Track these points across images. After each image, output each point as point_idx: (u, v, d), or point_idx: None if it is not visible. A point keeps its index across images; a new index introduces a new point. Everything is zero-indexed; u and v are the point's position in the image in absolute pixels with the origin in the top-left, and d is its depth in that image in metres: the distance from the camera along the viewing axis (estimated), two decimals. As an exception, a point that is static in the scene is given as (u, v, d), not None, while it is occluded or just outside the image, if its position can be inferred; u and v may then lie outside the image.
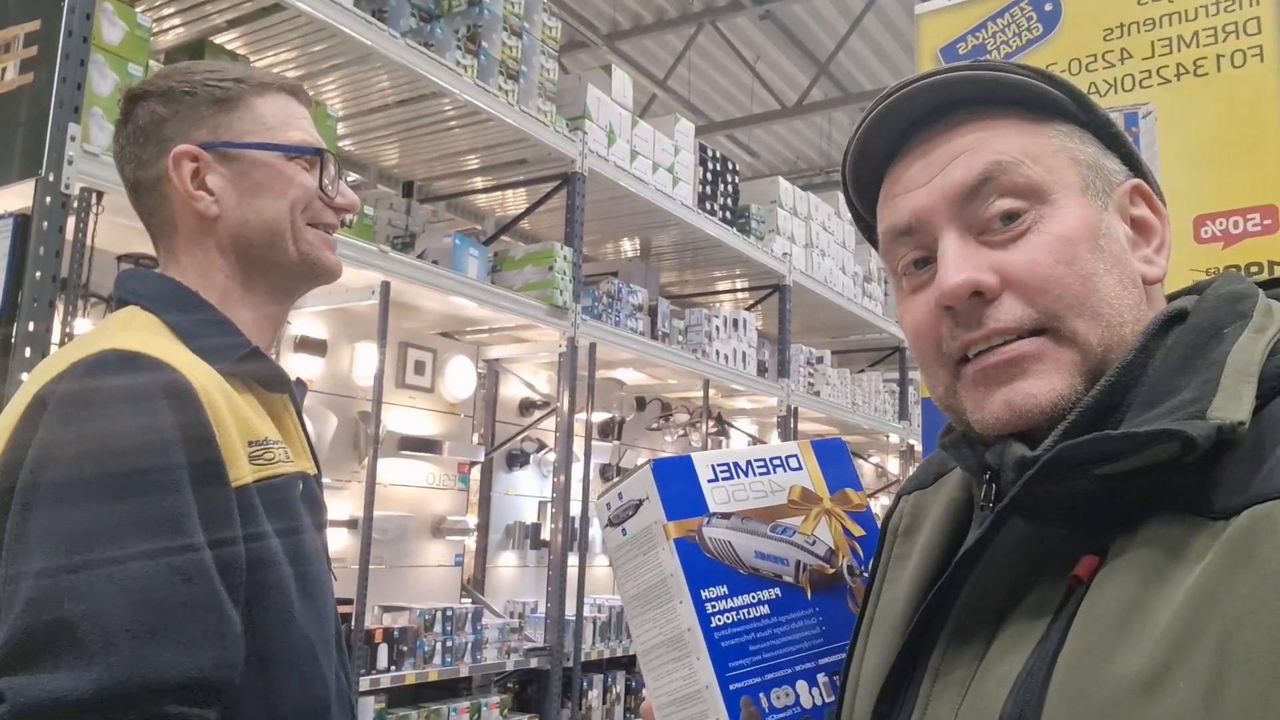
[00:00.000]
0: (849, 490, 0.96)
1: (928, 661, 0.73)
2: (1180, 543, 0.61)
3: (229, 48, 3.71)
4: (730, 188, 6.12)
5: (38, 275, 2.60)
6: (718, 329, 5.96)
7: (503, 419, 5.47)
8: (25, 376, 2.46)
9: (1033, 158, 0.74)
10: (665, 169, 5.41)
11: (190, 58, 3.47)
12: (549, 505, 5.16)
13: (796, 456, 0.95)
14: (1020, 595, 0.69)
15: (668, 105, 9.58)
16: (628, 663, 5.41)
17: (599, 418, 5.88)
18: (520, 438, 5.46)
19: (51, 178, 2.65)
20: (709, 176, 5.93)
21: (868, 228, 0.86)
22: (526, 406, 5.61)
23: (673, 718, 0.84)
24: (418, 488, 4.79)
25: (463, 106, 4.20)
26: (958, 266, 0.72)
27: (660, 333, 5.57)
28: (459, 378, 4.98)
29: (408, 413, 4.80)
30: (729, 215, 6.04)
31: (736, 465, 0.91)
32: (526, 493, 5.58)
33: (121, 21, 2.90)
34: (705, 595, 0.84)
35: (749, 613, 0.85)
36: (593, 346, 4.89)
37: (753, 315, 6.44)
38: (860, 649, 0.82)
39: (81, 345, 1.05)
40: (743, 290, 6.96)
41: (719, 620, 0.83)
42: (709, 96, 10.11)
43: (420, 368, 4.84)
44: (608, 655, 5.23)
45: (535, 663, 4.67)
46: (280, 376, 1.20)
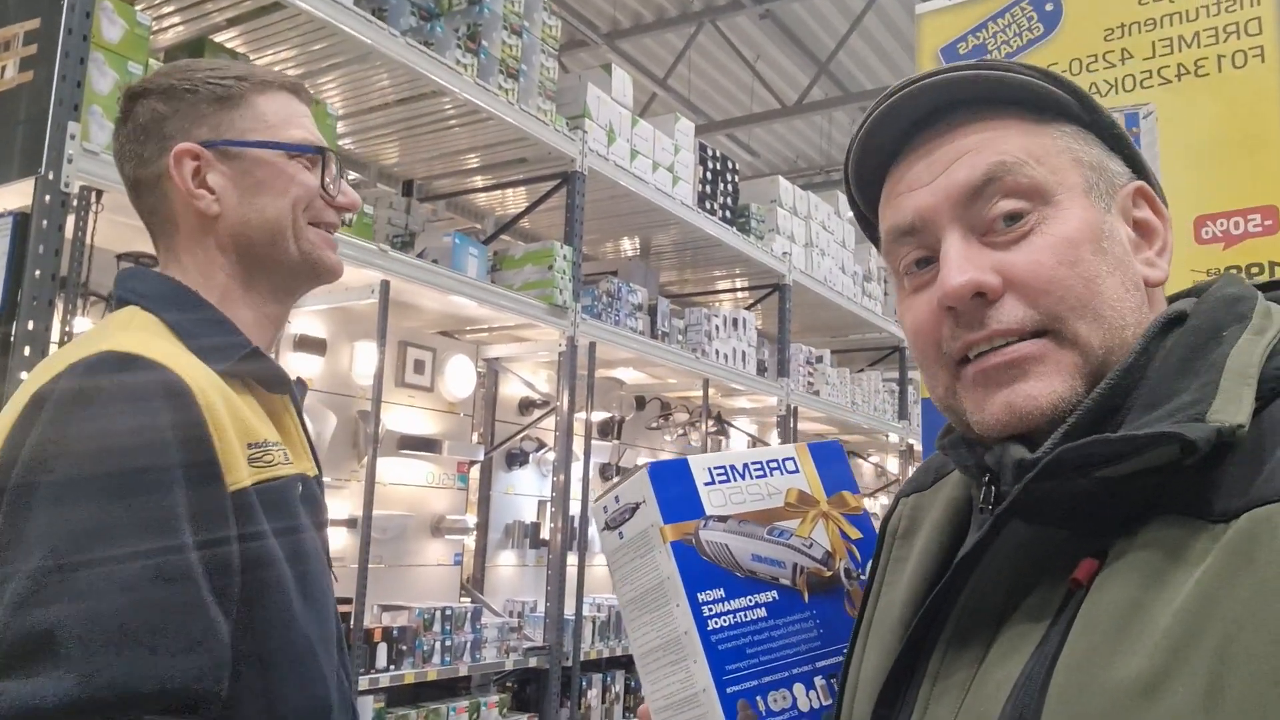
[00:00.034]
0: (846, 493, 0.96)
1: (927, 664, 0.73)
2: (1180, 545, 0.61)
3: (229, 46, 3.71)
4: (730, 187, 6.12)
5: (37, 274, 2.60)
6: (717, 328, 5.96)
7: (502, 418, 5.47)
8: (25, 375, 2.48)
9: (1036, 158, 0.73)
10: (665, 168, 5.41)
11: (190, 56, 3.46)
12: (548, 504, 5.16)
13: (793, 459, 0.95)
14: (1020, 598, 0.69)
15: (668, 104, 9.58)
16: (627, 662, 5.40)
17: (598, 417, 5.88)
18: (520, 437, 5.46)
19: (51, 176, 2.65)
20: (709, 176, 5.92)
21: (869, 226, 0.86)
22: (526, 405, 5.61)
23: None
24: (417, 487, 4.79)
25: (462, 105, 4.20)
26: (960, 267, 0.72)
27: (660, 332, 5.57)
28: (458, 377, 4.98)
29: (407, 412, 4.80)
30: (729, 214, 6.03)
31: (733, 468, 0.91)
32: (526, 492, 5.58)
33: (121, 20, 2.90)
34: (702, 598, 0.83)
35: (746, 615, 0.85)
36: (592, 346, 4.89)
37: (752, 314, 6.44)
38: (859, 652, 0.81)
39: (80, 346, 1.05)
40: (742, 289, 6.95)
41: (716, 623, 0.83)
42: (709, 96, 10.10)
43: (420, 367, 4.84)
44: (607, 655, 5.23)
45: (534, 662, 4.67)
46: (280, 377, 1.19)
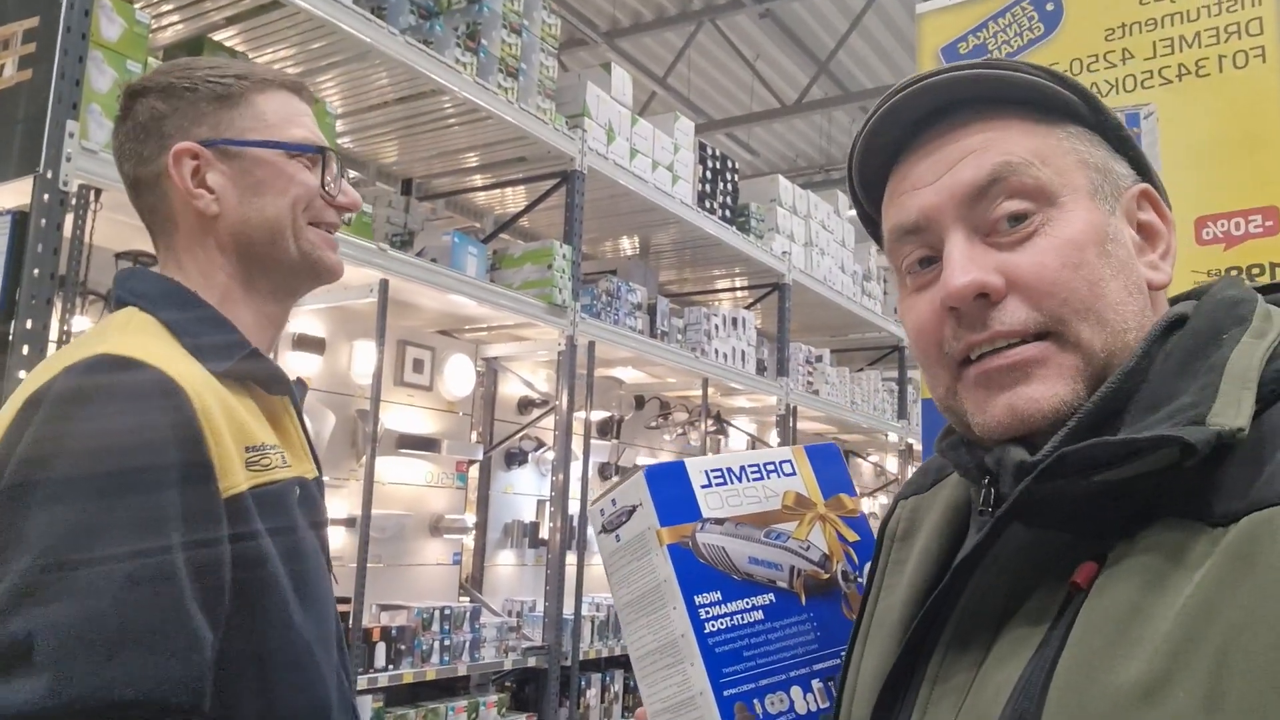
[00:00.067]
0: (843, 495, 0.96)
1: (926, 667, 0.73)
2: (1180, 549, 0.61)
3: (228, 45, 3.71)
4: (730, 186, 6.11)
5: (36, 273, 2.60)
6: (717, 327, 5.95)
7: (501, 417, 5.46)
8: (23, 374, 2.48)
9: (1042, 159, 0.73)
10: (665, 167, 5.40)
11: (189, 54, 3.45)
12: (547, 504, 5.16)
13: (790, 462, 0.95)
14: (1019, 601, 0.69)
15: (667, 103, 9.58)
16: (626, 662, 5.40)
17: (598, 416, 5.88)
18: (519, 436, 5.46)
19: (50, 175, 2.64)
20: (708, 175, 5.92)
21: (872, 225, 0.85)
22: (525, 405, 5.60)
23: None
24: (416, 486, 4.78)
25: (462, 104, 4.20)
26: (964, 267, 0.71)
27: (659, 331, 5.56)
28: (457, 376, 4.98)
29: (406, 411, 4.80)
30: (728, 213, 6.03)
31: (730, 471, 0.91)
32: (525, 491, 5.58)
33: (120, 18, 2.90)
34: (699, 601, 0.83)
35: (743, 618, 0.84)
36: (591, 345, 4.89)
37: (752, 314, 6.44)
38: (857, 654, 0.81)
39: (77, 348, 1.04)
40: (742, 289, 6.95)
41: (713, 626, 0.83)
42: (709, 94, 10.10)
43: (419, 366, 4.83)
44: (606, 654, 5.23)
45: (533, 661, 4.67)
46: (280, 378, 1.18)
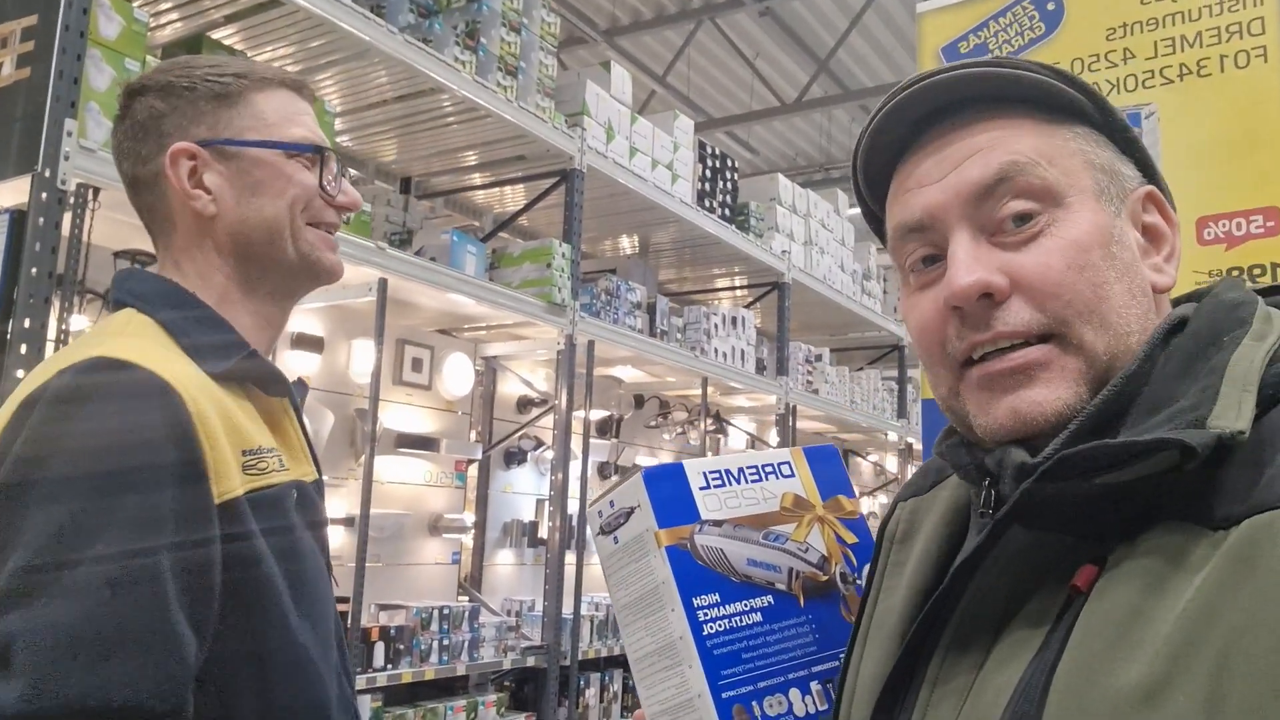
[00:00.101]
0: (842, 497, 0.95)
1: (926, 670, 0.73)
2: (1181, 552, 0.60)
3: (226, 43, 3.70)
4: (729, 185, 6.11)
5: (34, 271, 2.59)
6: (716, 326, 5.95)
7: (500, 416, 5.46)
8: (21, 373, 2.48)
9: (1048, 159, 0.73)
10: (664, 166, 5.40)
11: (187, 53, 3.45)
12: (546, 503, 5.15)
13: (789, 463, 0.95)
14: (1019, 604, 0.68)
15: (667, 102, 9.58)
16: (625, 661, 5.37)
17: (597, 415, 5.87)
18: (518, 435, 5.45)
19: (48, 173, 2.64)
20: (708, 173, 5.92)
21: (876, 221, 0.85)
22: (524, 404, 5.60)
23: None
24: (415, 485, 4.78)
25: (461, 102, 4.19)
26: (969, 267, 0.71)
27: (659, 330, 5.56)
28: (456, 375, 4.97)
29: (405, 410, 4.79)
30: (728, 212, 6.02)
31: (728, 472, 0.90)
32: (524, 490, 5.58)
33: (119, 16, 2.89)
34: (697, 603, 0.83)
35: (741, 620, 0.84)
36: (591, 344, 4.88)
37: (751, 313, 6.43)
38: (857, 656, 0.81)
39: (74, 350, 1.04)
40: (741, 288, 6.95)
41: (711, 628, 0.83)
42: (708, 93, 10.10)
43: (418, 365, 4.83)
44: (605, 654, 5.23)
45: (532, 661, 4.67)
46: (279, 379, 1.17)
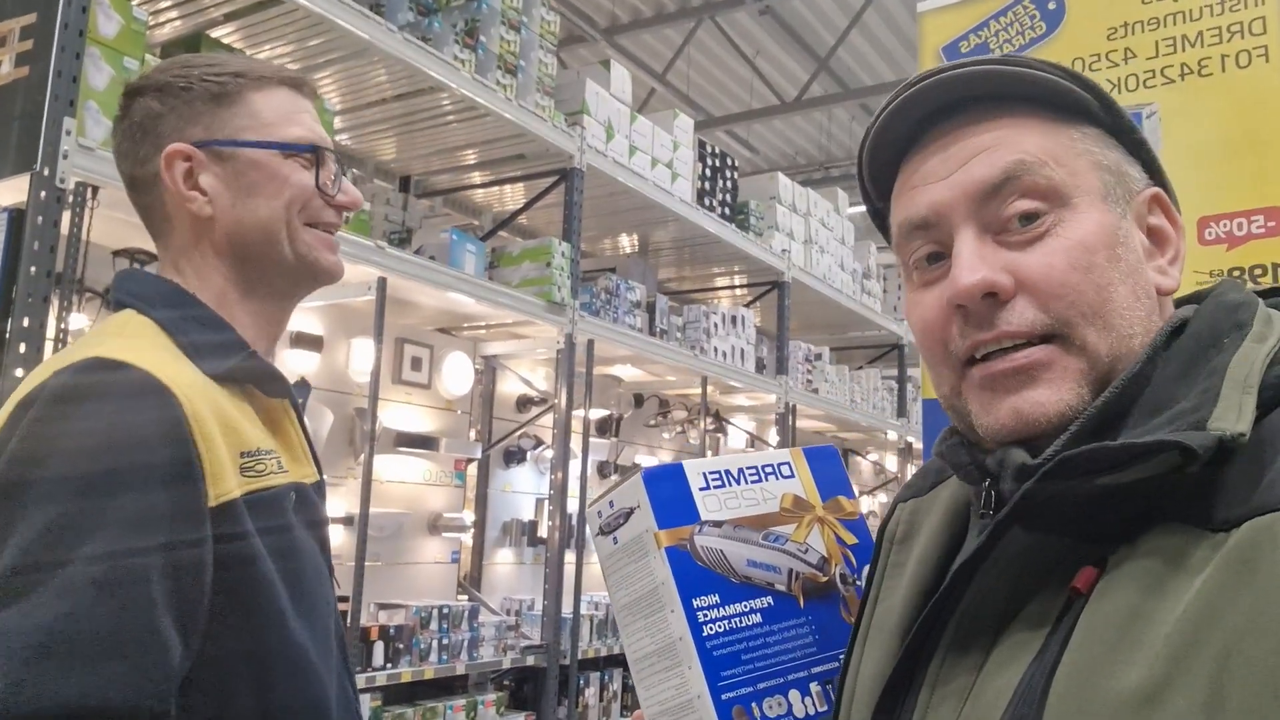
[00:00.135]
0: (842, 498, 0.95)
1: (926, 671, 0.72)
2: (1181, 554, 0.60)
3: (225, 41, 3.70)
4: (729, 183, 6.10)
5: (32, 270, 2.59)
6: (716, 325, 5.95)
7: (500, 415, 5.46)
8: (20, 372, 2.48)
9: (1055, 159, 0.72)
10: (664, 164, 5.40)
11: (186, 51, 3.44)
12: (546, 502, 5.15)
13: (789, 464, 0.94)
14: (1019, 605, 0.68)
15: (667, 100, 9.57)
16: (624, 661, 5.38)
17: (597, 414, 5.87)
18: (517, 434, 5.45)
19: (46, 172, 2.64)
20: (708, 172, 5.91)
21: (880, 218, 0.85)
22: (524, 403, 5.60)
23: None
24: (414, 484, 4.78)
25: (460, 101, 4.19)
26: (973, 266, 0.71)
27: (658, 329, 5.56)
28: (456, 374, 4.97)
29: (404, 409, 4.79)
30: (728, 211, 6.02)
31: (728, 473, 0.90)
32: (523, 490, 5.58)
33: (117, 15, 2.88)
34: (697, 604, 0.83)
35: (741, 621, 0.84)
36: (590, 343, 4.88)
37: (751, 312, 6.43)
38: (856, 658, 0.81)
39: (72, 351, 1.04)
40: (741, 287, 6.94)
41: (711, 629, 0.83)
42: (708, 92, 10.09)
43: (417, 364, 4.83)
44: (604, 653, 5.22)
45: (532, 660, 4.67)
46: (279, 380, 1.16)
